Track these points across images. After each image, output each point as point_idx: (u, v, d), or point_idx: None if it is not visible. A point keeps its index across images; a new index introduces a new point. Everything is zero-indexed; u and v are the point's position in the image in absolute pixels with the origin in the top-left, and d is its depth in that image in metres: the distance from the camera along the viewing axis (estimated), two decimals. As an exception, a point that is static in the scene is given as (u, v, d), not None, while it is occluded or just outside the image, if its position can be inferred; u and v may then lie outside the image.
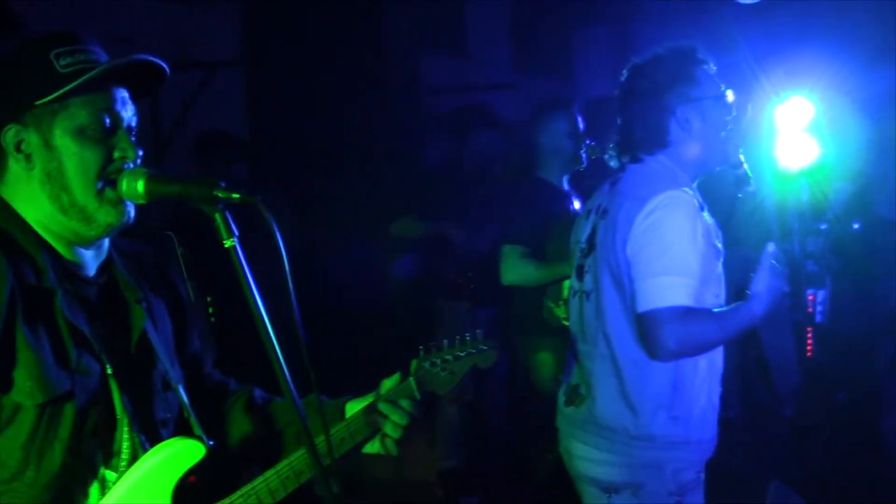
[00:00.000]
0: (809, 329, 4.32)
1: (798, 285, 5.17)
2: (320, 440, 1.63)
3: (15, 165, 1.64)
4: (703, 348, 2.34)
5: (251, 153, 6.31)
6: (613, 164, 2.61)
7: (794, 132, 4.44)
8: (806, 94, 4.42)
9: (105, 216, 1.64)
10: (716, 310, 2.35)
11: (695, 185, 2.47)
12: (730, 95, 2.46)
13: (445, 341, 2.07)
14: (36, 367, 1.54)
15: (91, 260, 1.72)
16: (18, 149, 1.62)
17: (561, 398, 2.65)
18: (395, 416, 1.90)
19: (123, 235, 1.78)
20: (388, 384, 1.96)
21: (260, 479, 1.78)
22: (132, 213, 1.68)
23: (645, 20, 8.02)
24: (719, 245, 2.43)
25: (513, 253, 3.77)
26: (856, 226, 4.55)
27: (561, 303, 3.82)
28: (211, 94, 5.86)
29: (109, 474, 1.66)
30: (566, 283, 3.73)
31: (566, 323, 3.67)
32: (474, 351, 2.07)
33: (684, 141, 2.41)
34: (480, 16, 8.86)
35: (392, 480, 4.71)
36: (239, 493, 1.77)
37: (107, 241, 1.75)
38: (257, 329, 1.47)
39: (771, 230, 4.90)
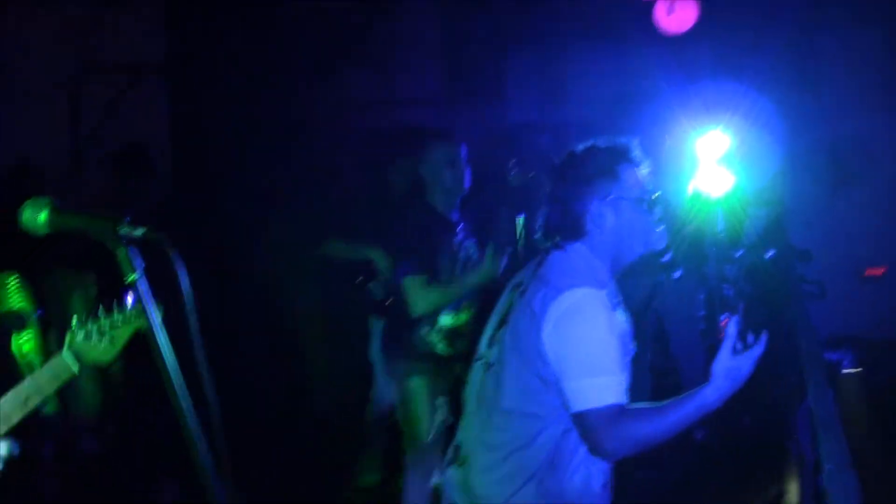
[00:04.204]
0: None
1: (713, 310, 5.33)
2: None
3: None
4: (646, 444, 2.31)
5: (171, 163, 6.21)
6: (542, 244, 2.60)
7: (712, 162, 4.60)
8: (722, 127, 4.58)
9: None
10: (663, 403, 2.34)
11: (615, 277, 2.51)
12: (654, 196, 2.49)
13: (102, 310, 2.07)
14: None
15: None
16: None
17: (449, 454, 2.66)
18: None
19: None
20: None
21: None
22: None
23: (572, 48, 8.17)
24: (630, 344, 2.48)
25: (415, 284, 3.74)
26: (770, 253, 4.70)
27: (434, 330, 3.83)
28: (134, 100, 5.73)
29: None
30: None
31: (438, 350, 3.79)
32: (133, 316, 2.09)
33: (598, 235, 2.47)
34: (412, 32, 8.90)
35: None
36: None
37: None
38: (161, 370, 1.47)
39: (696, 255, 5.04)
